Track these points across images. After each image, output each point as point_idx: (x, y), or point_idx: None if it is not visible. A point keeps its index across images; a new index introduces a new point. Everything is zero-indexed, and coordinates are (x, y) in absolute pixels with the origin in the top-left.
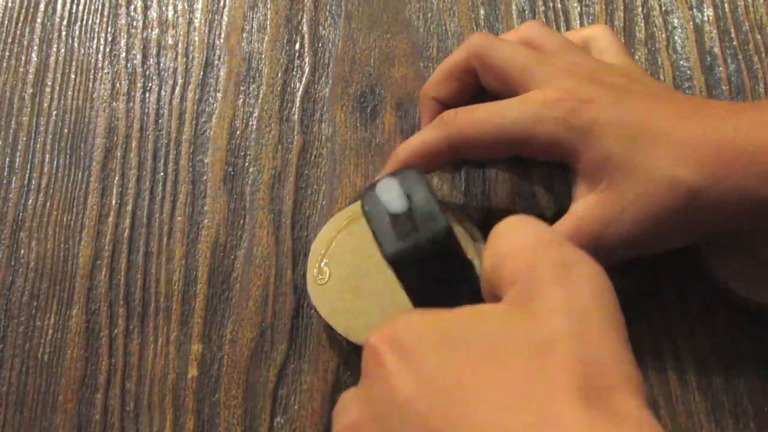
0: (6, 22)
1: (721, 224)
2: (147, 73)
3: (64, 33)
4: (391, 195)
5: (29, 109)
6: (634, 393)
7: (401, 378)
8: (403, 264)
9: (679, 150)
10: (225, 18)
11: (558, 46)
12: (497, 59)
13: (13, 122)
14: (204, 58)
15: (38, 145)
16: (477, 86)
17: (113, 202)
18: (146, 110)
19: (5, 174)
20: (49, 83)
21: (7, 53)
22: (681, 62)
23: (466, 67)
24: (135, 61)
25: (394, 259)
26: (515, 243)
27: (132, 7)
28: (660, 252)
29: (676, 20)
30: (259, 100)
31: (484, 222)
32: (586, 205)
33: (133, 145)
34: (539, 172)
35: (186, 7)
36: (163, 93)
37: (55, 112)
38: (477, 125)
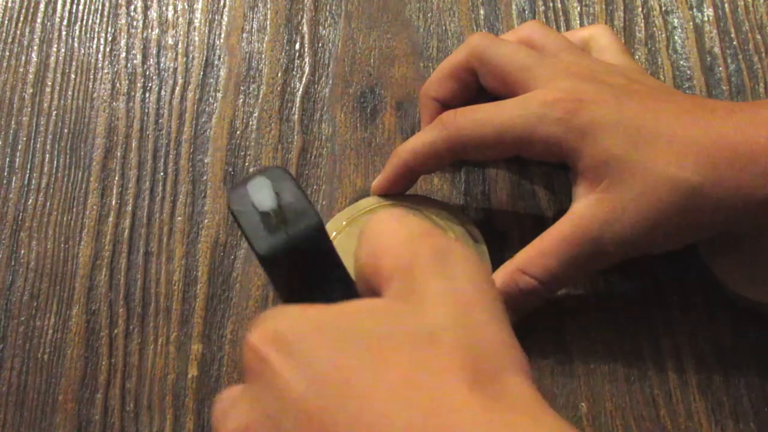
0: (6, 22)
1: (721, 224)
2: (147, 73)
3: (64, 33)
4: (261, 192)
5: (29, 109)
6: (522, 375)
7: (290, 376)
8: (276, 261)
9: (679, 150)
10: (225, 18)
11: (558, 46)
12: (497, 59)
13: (13, 122)
14: (204, 58)
15: (38, 145)
16: (477, 86)
17: (113, 202)
18: (146, 110)
19: (5, 174)
20: (49, 83)
21: (7, 53)
22: (681, 62)
23: (465, 67)
24: (135, 61)
25: (266, 257)
26: (389, 239)
27: (132, 7)
28: (660, 252)
29: (676, 20)
30: (259, 100)
31: (485, 222)
32: (586, 205)
33: (133, 145)
34: (539, 172)
35: (186, 7)
36: (163, 93)
37: (55, 112)
38: (476, 126)
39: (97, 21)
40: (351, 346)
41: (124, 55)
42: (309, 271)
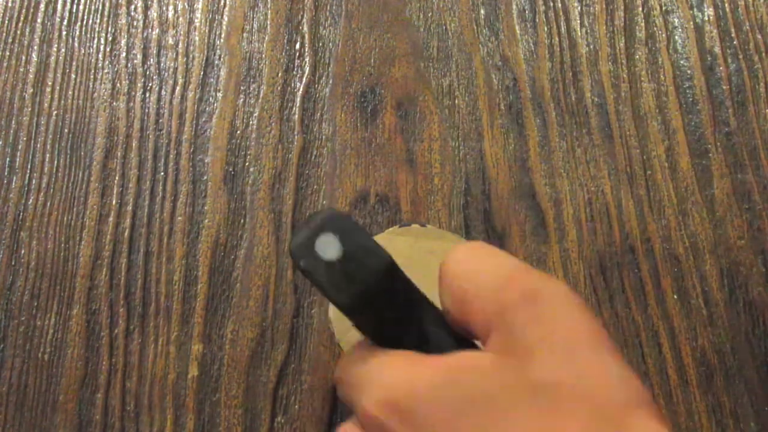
0: (6, 22)
1: None
2: (147, 72)
3: (64, 33)
4: (324, 242)
5: (29, 109)
6: (646, 407)
7: None
8: (360, 308)
9: None
10: (225, 18)
11: None
12: None
13: (13, 122)
14: (204, 58)
15: (38, 145)
16: None
17: (113, 201)
18: (146, 110)
19: (5, 174)
20: (50, 83)
21: (8, 53)
22: (681, 62)
23: None
24: (135, 61)
25: (351, 307)
26: (474, 285)
27: (132, 7)
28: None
29: (676, 20)
30: (260, 100)
31: (485, 221)
32: None
33: (134, 144)
34: (540, 172)
35: (186, 7)
36: (163, 93)
37: (55, 112)
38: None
39: (98, 21)
40: (469, 410)
41: (124, 55)
42: (392, 308)
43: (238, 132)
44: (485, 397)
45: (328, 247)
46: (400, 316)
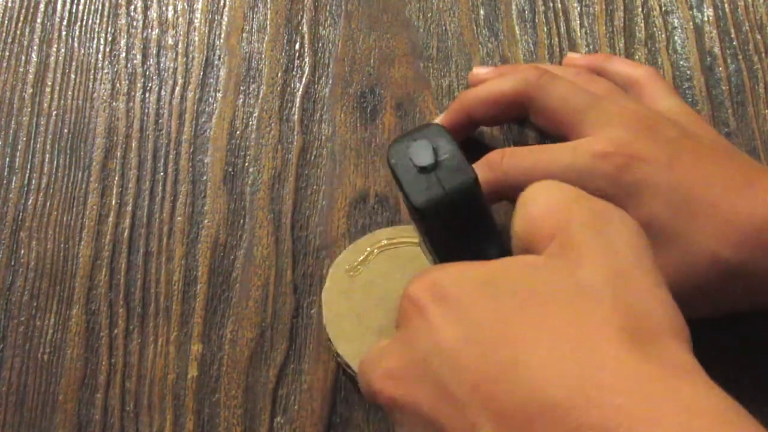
0: (6, 22)
1: (758, 303)
2: (147, 73)
3: (64, 33)
4: (419, 148)
5: (29, 109)
6: (682, 342)
7: (446, 326)
8: (431, 215)
9: (722, 226)
10: (225, 18)
11: (607, 90)
12: (549, 101)
13: (13, 122)
14: (204, 58)
15: (38, 145)
16: (516, 116)
17: (113, 202)
18: (146, 110)
19: (5, 174)
20: (49, 83)
21: (7, 53)
22: (681, 62)
23: (512, 101)
24: (135, 61)
25: (422, 209)
26: (547, 203)
27: (132, 7)
28: (693, 317)
29: (676, 20)
30: (259, 100)
31: None
32: None
33: (133, 145)
34: None
35: (186, 7)
36: (163, 93)
37: (55, 112)
38: (523, 173)
39: (97, 21)
40: (508, 300)
41: (124, 55)
42: (462, 227)
43: (238, 132)
44: (525, 289)
45: (420, 153)
46: (465, 234)
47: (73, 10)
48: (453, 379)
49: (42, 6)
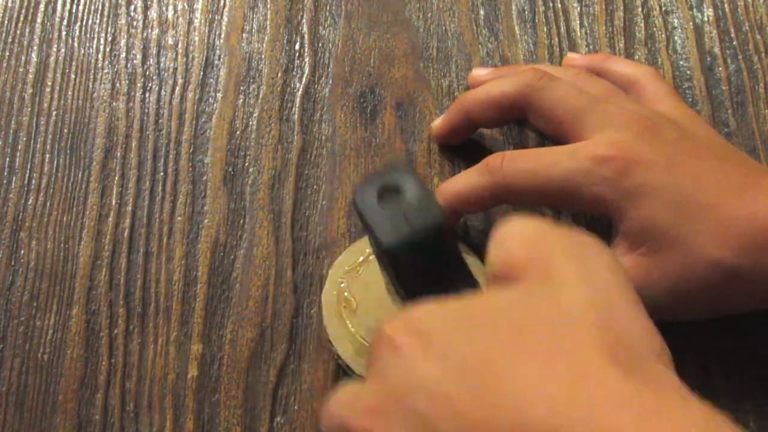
0: (6, 22)
1: (757, 303)
2: (147, 73)
3: (64, 33)
4: (385, 189)
5: (29, 109)
6: (665, 365)
7: (426, 361)
8: (401, 254)
9: (722, 229)
10: (225, 18)
11: (606, 92)
12: (548, 103)
13: (13, 122)
14: (204, 58)
15: (38, 145)
16: (516, 118)
17: (113, 202)
18: (146, 110)
19: (5, 174)
20: (49, 83)
21: (7, 53)
22: (681, 62)
23: (512, 103)
24: (135, 61)
25: (391, 249)
26: (523, 236)
27: (132, 7)
28: (692, 319)
29: (676, 20)
30: (259, 100)
31: (484, 221)
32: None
33: (133, 145)
34: None
35: (186, 7)
36: (163, 93)
37: (55, 112)
38: (523, 177)
39: (97, 21)
40: (489, 331)
41: (124, 55)
42: (431, 265)
43: (238, 132)
44: (505, 321)
45: (387, 194)
46: (436, 271)
47: (73, 10)
48: (434, 411)
49: (42, 6)
